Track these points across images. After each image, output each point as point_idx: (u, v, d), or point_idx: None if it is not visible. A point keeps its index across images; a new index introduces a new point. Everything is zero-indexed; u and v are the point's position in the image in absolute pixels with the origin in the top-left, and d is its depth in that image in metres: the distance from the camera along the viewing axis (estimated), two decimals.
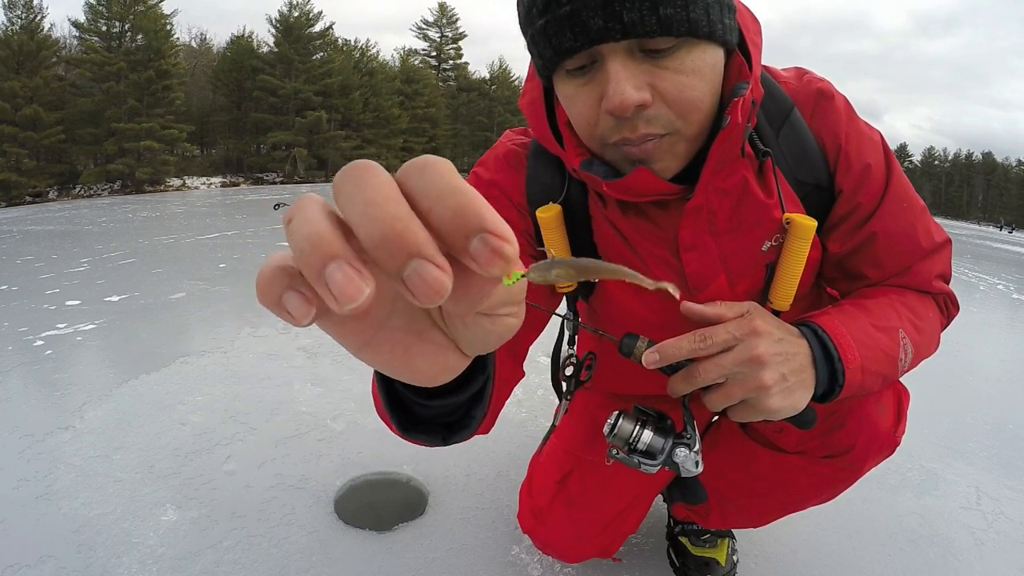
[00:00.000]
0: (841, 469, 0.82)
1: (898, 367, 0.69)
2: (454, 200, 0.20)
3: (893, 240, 0.74)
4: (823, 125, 0.72)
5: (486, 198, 0.64)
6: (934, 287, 0.76)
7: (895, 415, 0.78)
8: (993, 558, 1.24)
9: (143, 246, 5.13)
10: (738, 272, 0.72)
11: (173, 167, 21.77)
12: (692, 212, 0.68)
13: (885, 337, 0.67)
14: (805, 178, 0.72)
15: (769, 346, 0.59)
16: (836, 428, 0.79)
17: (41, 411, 1.75)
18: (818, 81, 0.74)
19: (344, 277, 0.19)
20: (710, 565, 1.08)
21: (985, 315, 4.13)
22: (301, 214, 0.21)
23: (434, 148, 32.73)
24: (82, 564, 1.09)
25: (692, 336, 0.60)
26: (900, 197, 0.74)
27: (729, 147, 0.64)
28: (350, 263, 0.19)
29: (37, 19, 19.95)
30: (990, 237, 20.22)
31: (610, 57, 0.56)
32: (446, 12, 37.04)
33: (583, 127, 0.63)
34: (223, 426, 1.66)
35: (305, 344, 2.39)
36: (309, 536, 1.20)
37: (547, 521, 0.98)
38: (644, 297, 0.77)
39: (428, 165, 0.21)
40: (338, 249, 0.20)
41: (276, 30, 26.32)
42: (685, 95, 0.57)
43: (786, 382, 0.60)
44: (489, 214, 0.20)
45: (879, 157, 0.73)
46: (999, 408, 2.14)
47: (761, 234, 0.70)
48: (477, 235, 0.20)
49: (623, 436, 0.67)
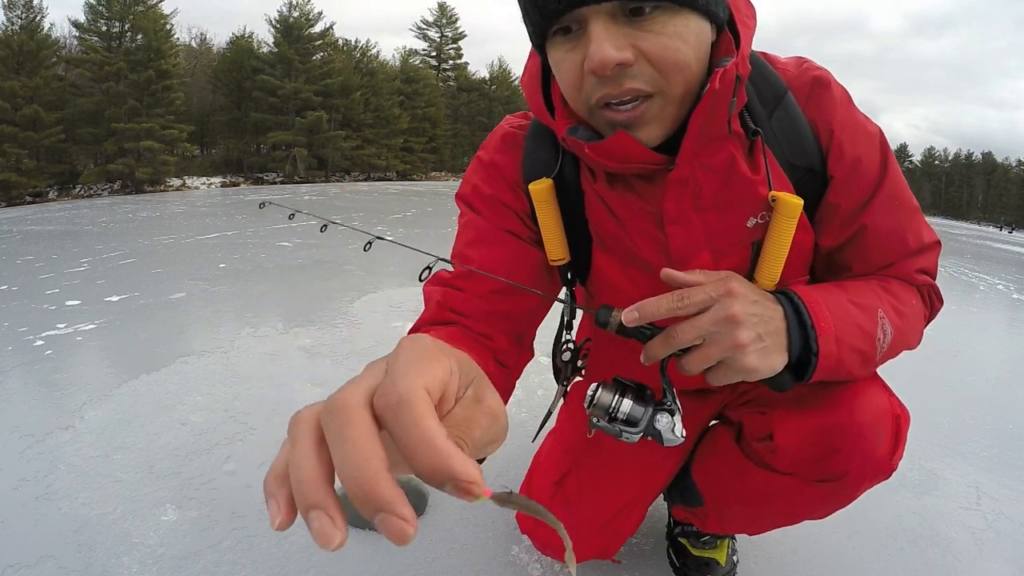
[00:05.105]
0: (833, 492, 0.80)
1: (876, 346, 0.68)
2: (427, 460, 0.25)
3: (881, 236, 0.74)
4: (818, 112, 0.72)
5: (485, 179, 0.73)
6: (916, 280, 0.77)
7: (892, 441, 0.75)
8: (993, 558, 1.24)
9: (143, 246, 5.12)
10: (723, 249, 0.73)
11: (173, 167, 21.74)
12: (676, 184, 0.68)
13: (862, 314, 0.68)
14: (798, 161, 0.72)
15: (744, 306, 0.60)
16: (830, 453, 0.75)
17: (41, 411, 1.75)
18: (816, 69, 0.73)
19: (319, 527, 0.24)
20: (710, 566, 1.08)
21: (985, 315, 4.13)
22: (294, 451, 0.26)
23: (434, 148, 32.76)
24: (82, 564, 1.10)
25: (670, 296, 0.60)
26: (893, 194, 0.73)
27: (714, 121, 0.64)
28: (327, 513, 0.24)
29: (37, 19, 19.96)
30: (990, 237, 20.21)
31: (592, 19, 0.58)
32: (446, 12, 37.05)
33: (570, 90, 0.64)
34: (223, 426, 1.66)
35: (305, 344, 2.39)
36: (309, 536, 1.19)
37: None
38: (632, 276, 0.78)
39: (402, 408, 0.26)
40: (318, 499, 0.25)
41: (276, 30, 26.32)
42: (668, 56, 0.58)
43: (762, 342, 0.61)
44: (457, 464, 0.25)
45: (874, 150, 0.73)
46: (999, 408, 2.14)
47: (746, 211, 0.70)
48: (450, 482, 0.25)
49: (603, 406, 0.66)
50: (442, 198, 12.69)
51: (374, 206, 9.92)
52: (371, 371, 0.30)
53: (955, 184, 76.32)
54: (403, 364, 0.28)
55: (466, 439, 0.29)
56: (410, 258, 0.91)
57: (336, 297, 3.18)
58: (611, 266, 0.79)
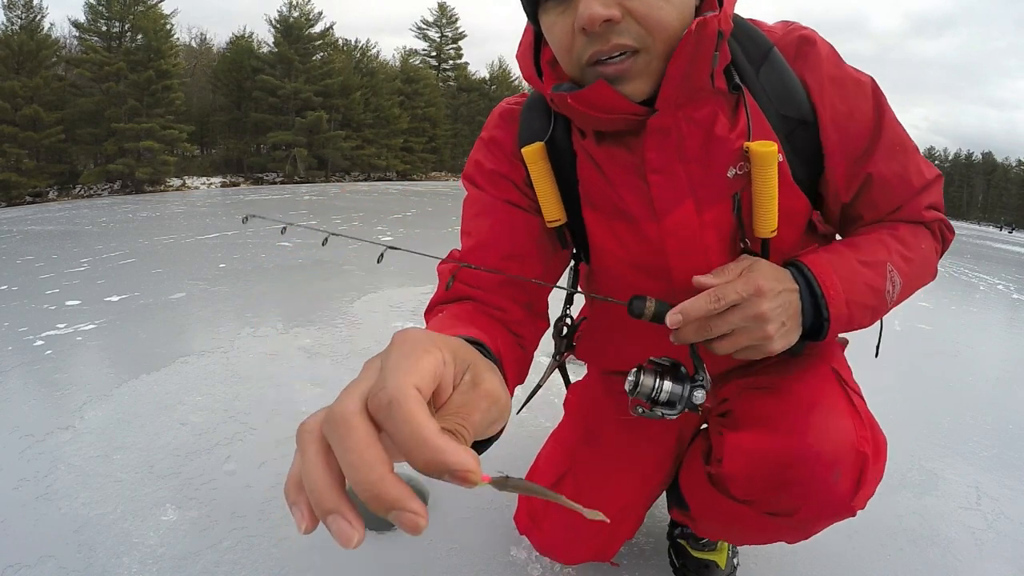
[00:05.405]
0: (786, 527, 0.78)
1: (885, 299, 0.74)
2: (421, 455, 0.27)
3: (887, 182, 0.76)
4: (805, 67, 0.73)
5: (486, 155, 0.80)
6: (925, 216, 0.79)
7: (854, 482, 0.71)
8: (993, 558, 1.24)
9: (143, 246, 5.12)
10: (705, 199, 0.73)
11: (173, 167, 21.74)
12: (657, 132, 0.70)
13: (870, 271, 0.72)
14: (789, 113, 0.72)
15: (771, 302, 0.65)
16: (781, 486, 0.73)
17: (41, 411, 1.75)
18: (802, 29, 0.75)
19: (338, 529, 0.27)
20: (710, 568, 1.08)
21: (985, 315, 4.13)
22: (303, 461, 0.29)
23: (434, 148, 32.76)
24: (82, 564, 1.10)
25: (707, 296, 0.65)
26: (892, 139, 0.75)
27: (696, 71, 0.66)
28: (343, 516, 0.27)
29: (37, 19, 19.96)
30: (990, 237, 20.21)
31: None
32: (446, 12, 37.05)
33: (562, 52, 0.67)
34: (223, 426, 1.66)
35: (305, 344, 2.39)
36: (309, 536, 1.19)
37: (543, 524, 0.98)
38: (617, 230, 0.79)
39: (393, 408, 0.27)
40: (333, 505, 0.27)
41: (276, 30, 26.32)
42: (653, 13, 0.62)
43: (784, 327, 0.67)
44: (451, 456, 0.27)
45: (867, 99, 0.74)
46: (999, 408, 2.14)
47: (726, 162, 0.72)
48: (447, 473, 0.27)
49: (646, 391, 0.69)
50: (442, 198, 12.69)
51: (374, 206, 9.92)
52: (367, 371, 0.32)
53: (955, 184, 76.32)
54: (393, 364, 0.30)
55: (466, 424, 0.31)
56: (410, 258, 0.92)
57: (336, 297, 3.18)
58: (598, 225, 0.80)
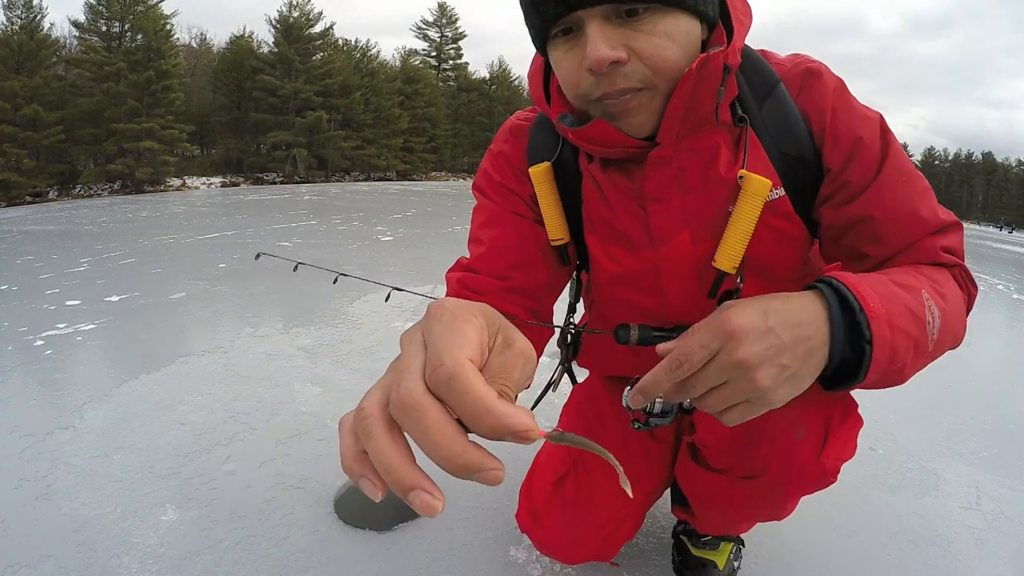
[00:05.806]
0: (761, 493, 0.79)
1: (927, 332, 0.60)
2: (486, 422, 0.29)
3: (893, 216, 0.70)
4: (809, 101, 0.71)
5: (494, 167, 0.83)
6: (943, 259, 0.70)
7: (820, 438, 0.71)
8: (993, 558, 1.24)
9: (143, 246, 5.12)
10: (702, 231, 0.73)
11: (173, 167, 21.71)
12: (657, 162, 0.70)
13: (908, 294, 0.60)
14: (788, 151, 0.72)
15: (752, 346, 0.52)
16: (748, 445, 0.75)
17: (41, 411, 1.75)
18: (810, 62, 0.73)
19: (422, 503, 0.29)
20: (706, 568, 1.07)
21: (985, 315, 4.13)
22: (373, 444, 0.30)
23: (434, 148, 32.75)
24: (82, 564, 1.10)
25: (666, 365, 0.55)
26: (898, 172, 0.70)
27: (699, 105, 0.66)
28: (424, 489, 0.29)
29: (37, 19, 19.93)
30: (990, 237, 20.21)
31: (589, 21, 0.62)
32: (446, 12, 37.03)
33: (569, 87, 0.68)
34: (223, 426, 1.66)
35: (305, 344, 2.39)
36: (309, 536, 1.20)
37: (544, 523, 0.99)
38: (612, 253, 0.80)
39: (453, 383, 0.29)
40: (412, 481, 0.29)
41: (276, 30, 26.30)
42: (659, 54, 0.62)
43: (787, 371, 0.53)
44: (512, 419, 0.29)
45: (873, 133, 0.71)
46: (999, 408, 2.14)
47: (726, 195, 0.71)
48: (509, 434, 0.29)
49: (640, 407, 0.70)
50: (442, 198, 12.69)
51: (374, 206, 9.92)
52: (412, 347, 0.33)
53: (955, 184, 76.29)
54: (442, 337, 0.32)
55: (509, 384, 0.32)
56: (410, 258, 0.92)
57: (336, 297, 3.18)
58: (598, 246, 0.82)
